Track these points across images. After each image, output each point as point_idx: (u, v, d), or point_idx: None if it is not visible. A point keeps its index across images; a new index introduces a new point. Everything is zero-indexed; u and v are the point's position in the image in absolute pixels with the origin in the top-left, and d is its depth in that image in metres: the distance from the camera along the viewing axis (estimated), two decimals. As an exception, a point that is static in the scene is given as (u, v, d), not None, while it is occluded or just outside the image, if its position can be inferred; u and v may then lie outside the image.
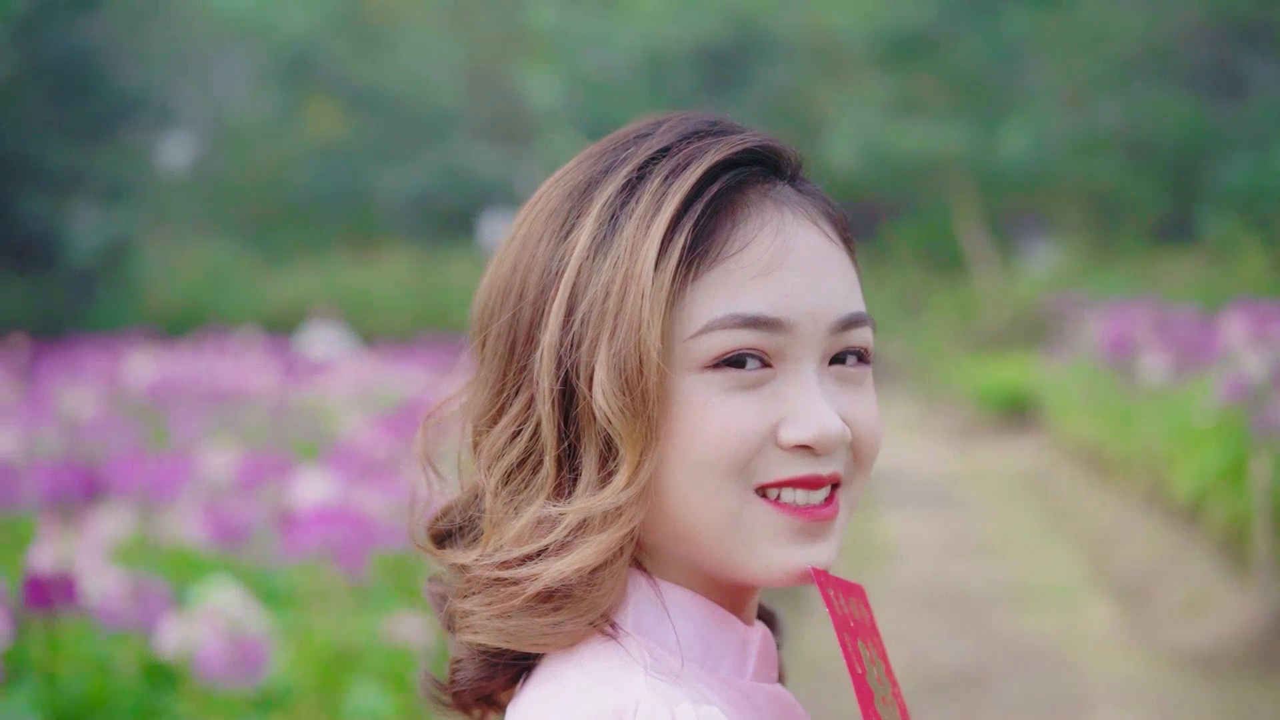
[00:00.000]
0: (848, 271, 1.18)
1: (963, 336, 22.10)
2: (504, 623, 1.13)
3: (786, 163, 1.20)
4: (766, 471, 1.12)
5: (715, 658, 1.16)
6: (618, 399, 1.09)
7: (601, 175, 1.16)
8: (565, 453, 1.14)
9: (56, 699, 3.82)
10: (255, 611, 3.87)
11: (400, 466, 6.50)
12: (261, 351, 15.87)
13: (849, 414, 1.15)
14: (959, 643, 7.54)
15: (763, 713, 1.15)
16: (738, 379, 1.11)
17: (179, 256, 29.96)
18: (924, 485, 13.16)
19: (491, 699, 1.24)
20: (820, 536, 1.13)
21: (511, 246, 1.20)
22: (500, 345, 1.18)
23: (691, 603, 1.16)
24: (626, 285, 1.10)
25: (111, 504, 5.55)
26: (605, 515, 1.10)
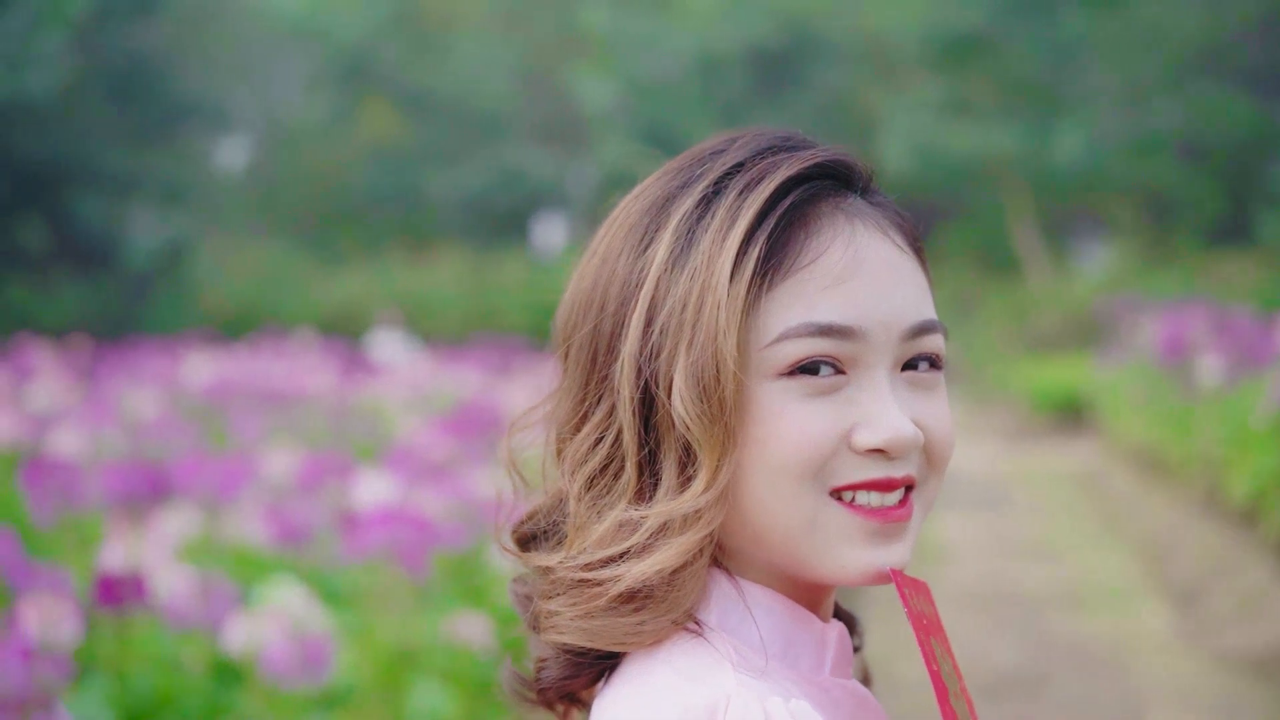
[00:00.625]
0: (918, 280, 1.22)
1: (1016, 338, 22.00)
2: (588, 623, 1.18)
3: (858, 176, 1.24)
4: (841, 475, 1.15)
5: (795, 654, 1.20)
6: (696, 406, 1.13)
7: (678, 191, 1.20)
8: (646, 458, 1.18)
9: (126, 696, 3.89)
10: (318, 611, 3.94)
11: (459, 468, 6.57)
12: (318, 353, 15.99)
13: (921, 418, 1.18)
14: (1014, 644, 7.54)
15: (841, 707, 1.19)
16: (812, 385, 1.15)
17: (234, 259, 30.16)
18: (978, 487, 13.13)
19: (575, 697, 1.29)
20: (895, 537, 1.17)
21: (593, 261, 1.24)
22: (583, 356, 1.22)
23: (772, 601, 1.19)
24: (703, 296, 1.14)
25: (176, 504, 5.63)
26: (685, 518, 1.14)
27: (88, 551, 5.24)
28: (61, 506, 5.65)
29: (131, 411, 9.48)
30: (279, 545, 5.29)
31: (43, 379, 11.09)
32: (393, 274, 27.91)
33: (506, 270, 27.04)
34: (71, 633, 3.59)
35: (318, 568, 5.30)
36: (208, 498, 5.86)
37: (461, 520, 5.48)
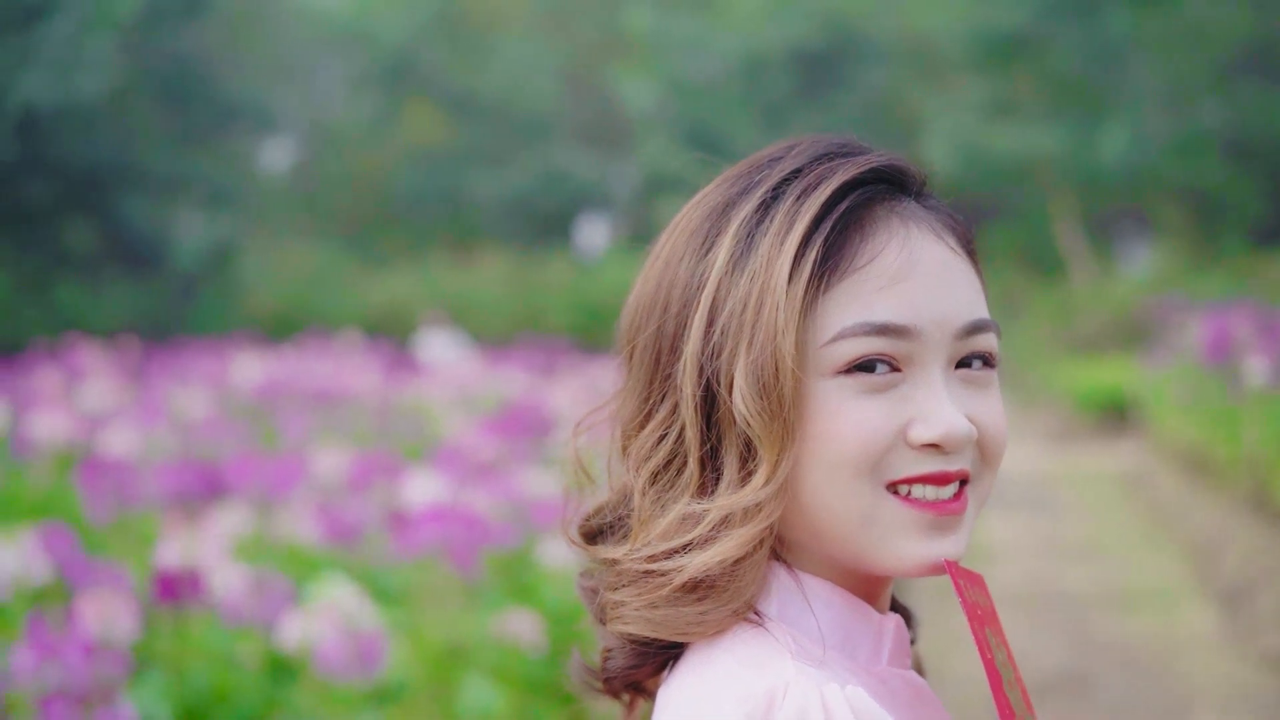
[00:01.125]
0: (971, 280, 1.26)
1: (1061, 339, 21.92)
2: (653, 613, 1.21)
3: (911, 180, 1.27)
4: (897, 469, 1.19)
5: (853, 645, 1.23)
6: (756, 403, 1.17)
7: (738, 196, 1.24)
8: (708, 454, 1.22)
9: (183, 690, 3.95)
10: (369, 608, 3.99)
11: (507, 467, 6.62)
12: (363, 354, 16.09)
13: (975, 414, 1.22)
14: (1059, 645, 7.55)
15: (898, 697, 1.22)
16: (869, 383, 1.18)
17: (279, 260, 30.31)
18: (1023, 487, 13.11)
19: (640, 686, 1.33)
20: (950, 530, 1.20)
21: (655, 265, 1.29)
22: (646, 356, 1.26)
23: (830, 593, 1.23)
24: (763, 298, 1.18)
25: (229, 503, 5.70)
26: (746, 511, 1.18)
27: (143, 549, 5.31)
28: (116, 505, 5.74)
29: (181, 411, 9.58)
30: (330, 543, 5.36)
31: (93, 379, 11.21)
32: (437, 275, 28.00)
33: (550, 271, 27.09)
34: (130, 628, 3.66)
35: (368, 566, 5.36)
36: (259, 497, 5.94)
37: (510, 519, 5.54)
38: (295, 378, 12.39)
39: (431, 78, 34.38)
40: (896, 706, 1.21)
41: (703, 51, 27.63)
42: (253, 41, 33.47)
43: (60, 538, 4.39)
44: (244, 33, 33.08)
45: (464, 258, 29.45)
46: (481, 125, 33.86)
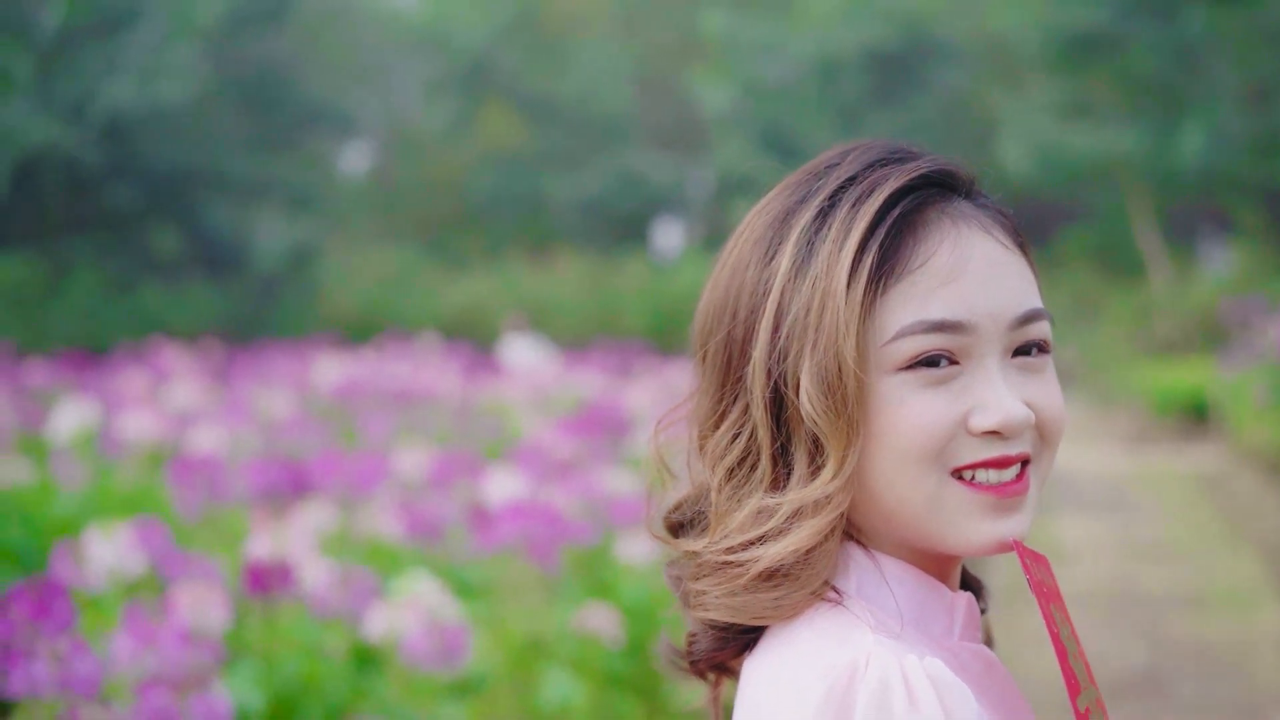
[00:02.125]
0: (1023, 272, 1.32)
1: (1139, 341, 21.75)
2: (732, 600, 1.30)
3: (960, 181, 1.34)
4: (961, 456, 1.26)
5: (927, 621, 1.31)
6: (821, 402, 1.25)
7: (797, 205, 1.32)
8: (779, 451, 1.30)
9: (273, 679, 4.07)
10: (451, 602, 4.09)
11: (585, 466, 6.71)
12: (442, 355, 16.24)
13: (1033, 399, 1.29)
14: (1135, 645, 7.54)
15: (969, 670, 1.29)
16: (929, 377, 1.26)
17: (358, 262, 30.55)
18: (1100, 489, 13.06)
19: (724, 666, 1.41)
20: (1014, 510, 1.28)
21: (723, 271, 1.37)
22: (718, 359, 1.35)
23: (904, 572, 1.31)
24: (824, 302, 1.26)
25: (314, 500, 5.82)
26: (816, 503, 1.26)
27: (232, 545, 5.45)
28: (205, 502, 5.88)
29: (265, 411, 9.74)
30: (412, 540, 5.47)
31: (179, 380, 11.41)
32: (514, 278, 28.13)
33: (626, 273, 27.16)
34: (221, 619, 3.77)
35: (449, 561, 5.47)
36: (343, 494, 6.06)
37: (588, 517, 5.63)
38: (375, 379, 12.54)
39: (508, 81, 34.57)
40: (968, 679, 1.27)
41: (778, 53, 27.61)
42: (332, 46, 33.80)
43: (153, 532, 4.52)
44: (323, 38, 33.41)
45: (541, 260, 29.58)
46: (558, 128, 34.00)
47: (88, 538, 4.35)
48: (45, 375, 13.50)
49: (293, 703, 4.07)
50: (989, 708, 1.28)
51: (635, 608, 5.18)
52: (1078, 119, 23.55)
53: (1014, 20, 23.73)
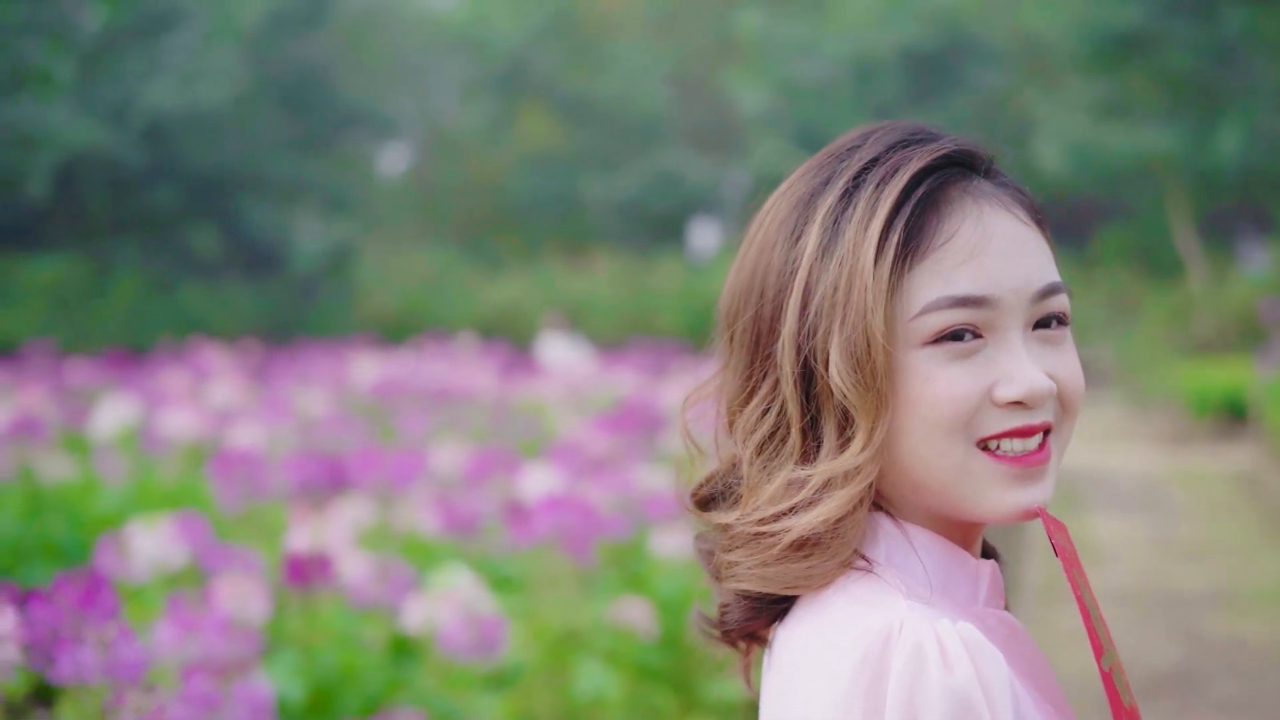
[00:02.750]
0: (1041, 248, 1.36)
1: (1176, 341, 21.66)
2: (764, 570, 1.34)
3: (980, 161, 1.39)
4: (986, 426, 1.31)
5: (953, 587, 1.35)
6: (850, 376, 1.29)
7: (822, 186, 1.36)
8: (808, 424, 1.34)
9: (312, 669, 4.13)
10: (487, 595, 4.15)
11: (620, 462, 6.77)
12: (480, 355, 16.32)
13: (1054, 370, 1.34)
14: (1170, 643, 7.55)
15: (995, 635, 1.33)
16: (955, 350, 1.30)
17: (396, 263, 30.68)
18: (1136, 489, 13.05)
19: (756, 635, 1.45)
20: (1037, 479, 1.32)
21: (749, 253, 1.41)
22: (747, 338, 1.39)
23: (931, 541, 1.35)
24: (851, 280, 1.30)
25: (352, 495, 5.90)
26: (846, 474, 1.30)
27: (271, 539, 5.52)
28: (245, 496, 5.96)
29: (303, 410, 9.83)
30: (449, 534, 5.54)
31: (219, 379, 11.52)
32: (550, 278, 28.21)
33: (662, 273, 27.20)
34: (261, 610, 3.84)
35: (485, 555, 5.54)
36: (381, 489, 6.13)
37: (623, 512, 5.68)
38: (412, 378, 12.63)
39: (545, 82, 34.66)
40: (995, 644, 1.30)
41: (813, 54, 27.61)
42: (370, 48, 33.95)
43: (195, 526, 4.59)
44: (362, 39, 33.57)
45: (577, 261, 29.65)
46: (594, 129, 34.08)
47: (130, 531, 4.43)
48: (87, 374, 13.65)
49: (331, 692, 4.14)
50: (1015, 671, 1.32)
51: (669, 602, 5.23)
52: (1115, 118, 23.47)
53: (1050, 19, 23.66)
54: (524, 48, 34.44)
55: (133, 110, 25.56)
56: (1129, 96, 23.71)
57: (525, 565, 5.19)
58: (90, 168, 25.88)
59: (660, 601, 5.12)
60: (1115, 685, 1.29)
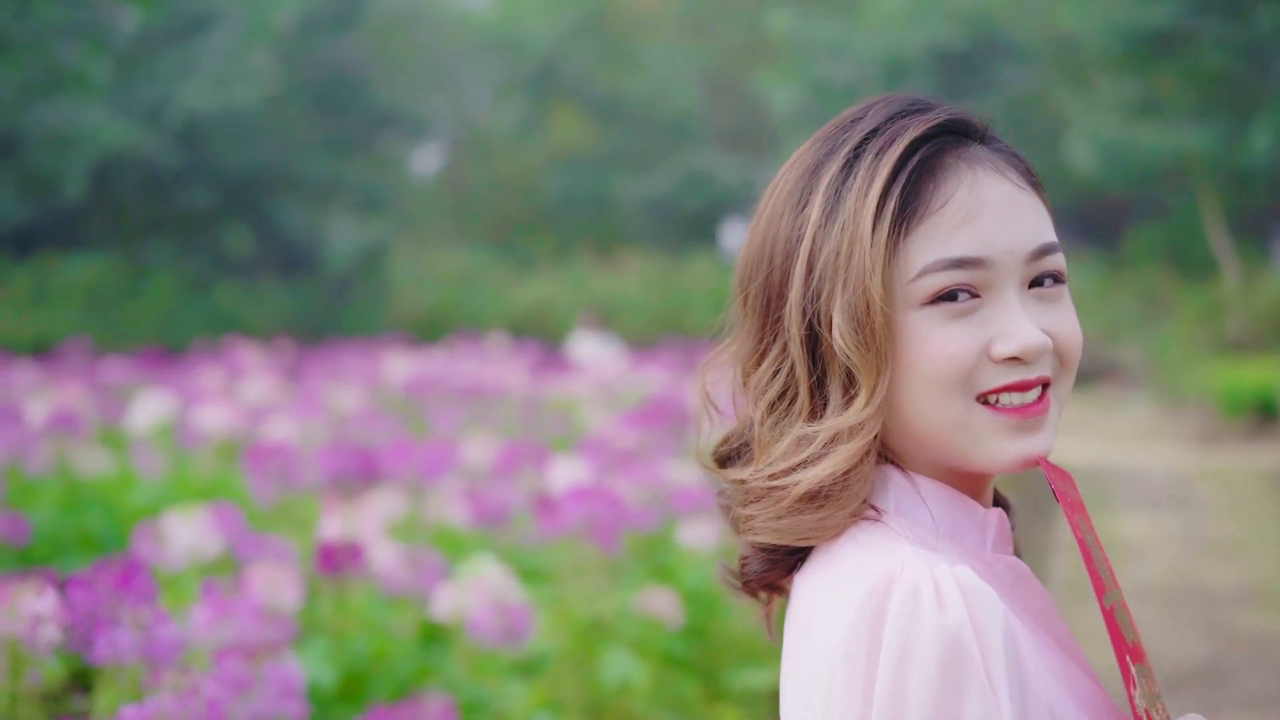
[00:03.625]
0: (1036, 210, 1.43)
1: (1208, 340, 21.60)
2: (778, 523, 1.42)
3: (974, 128, 1.46)
4: (984, 382, 1.37)
5: (961, 534, 1.42)
6: (852, 337, 1.36)
7: (826, 157, 1.44)
8: (815, 384, 1.42)
9: (343, 655, 4.21)
10: (515, 584, 4.22)
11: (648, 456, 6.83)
12: (511, 353, 16.40)
13: (1049, 326, 1.40)
14: (1198, 638, 7.58)
15: (1001, 579, 1.40)
16: (952, 310, 1.37)
17: (428, 263, 30.80)
18: (1166, 487, 13.06)
19: (775, 585, 1.53)
20: (1036, 430, 1.39)
21: (760, 223, 1.49)
22: (758, 303, 1.47)
23: (939, 490, 1.43)
24: (852, 246, 1.37)
25: (383, 487, 5.98)
26: (851, 429, 1.38)
27: (304, 530, 5.61)
28: (279, 489, 6.05)
29: (336, 406, 9.93)
30: (478, 526, 5.62)
31: (253, 377, 11.63)
32: (582, 277, 28.27)
33: (693, 273, 27.22)
34: (294, 598, 3.92)
35: (514, 546, 5.61)
36: (411, 481, 6.21)
37: (651, 504, 5.75)
38: (444, 375, 12.71)
39: (577, 83, 34.76)
40: (1000, 587, 1.38)
41: (844, 53, 27.62)
42: (403, 49, 34.09)
43: (229, 516, 4.68)
44: (394, 41, 33.72)
45: (609, 260, 29.72)
46: (626, 129, 34.16)
47: (166, 520, 4.51)
48: (123, 372, 13.78)
49: (362, 678, 4.22)
50: (1021, 614, 1.39)
51: (695, 593, 5.30)
52: (1146, 118, 23.41)
53: (1082, 18, 23.61)
54: (556, 48, 34.55)
55: (168, 111, 25.75)
56: (1160, 96, 23.64)
57: (553, 556, 5.26)
58: (126, 168, 26.08)
59: (687, 593, 5.19)
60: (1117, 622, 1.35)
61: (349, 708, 4.06)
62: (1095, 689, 1.40)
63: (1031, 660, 1.34)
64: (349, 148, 30.11)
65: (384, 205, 30.56)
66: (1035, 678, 1.33)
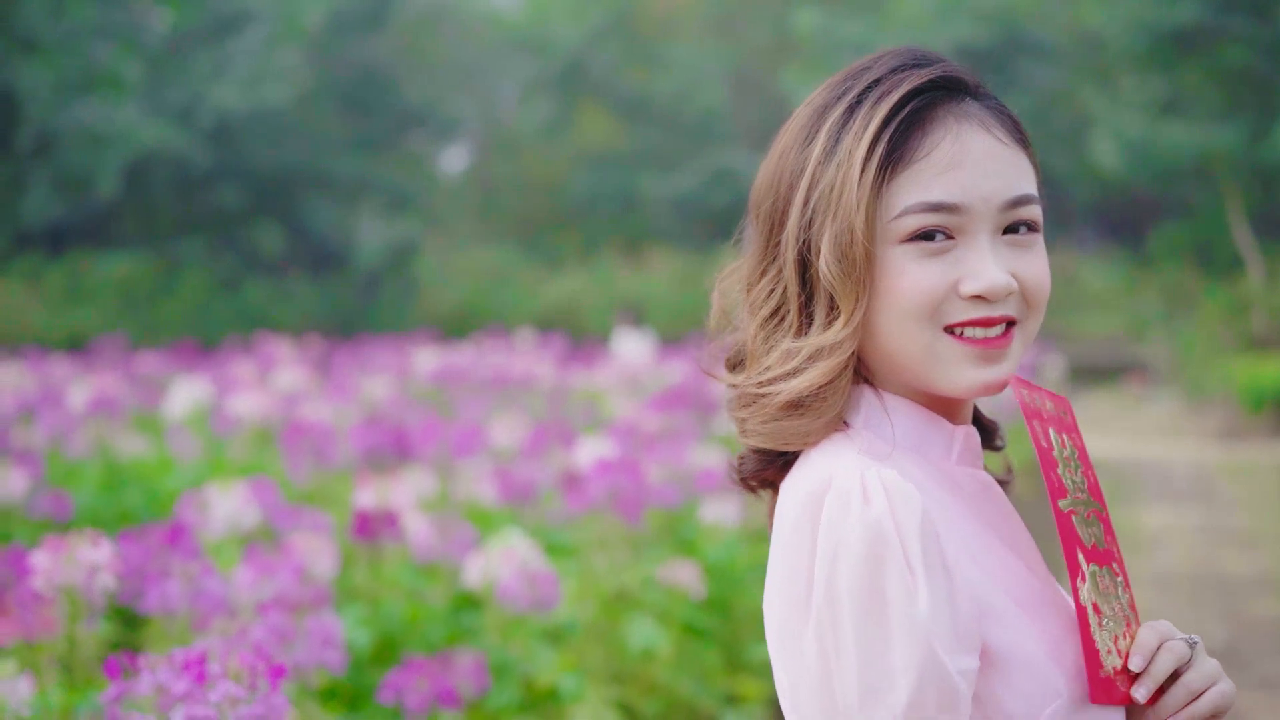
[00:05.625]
0: (1017, 164, 1.57)
1: (1233, 337, 21.63)
2: (764, 427, 1.58)
3: (967, 85, 1.60)
4: (952, 315, 1.52)
5: (926, 446, 1.58)
6: (836, 266, 1.52)
7: (834, 101, 1.59)
8: (803, 304, 1.57)
9: (379, 619, 4.37)
10: (541, 555, 4.37)
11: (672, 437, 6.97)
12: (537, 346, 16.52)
13: (1018, 270, 1.54)
14: (1214, 624, 7.67)
15: (963, 489, 1.56)
16: (927, 249, 1.52)
17: (455, 260, 30.93)
18: (1189, 480, 13.15)
19: (770, 482, 1.68)
20: (997, 360, 1.53)
21: (774, 154, 1.64)
22: (764, 227, 1.63)
23: (908, 407, 1.58)
24: (844, 183, 1.52)
25: (415, 466, 6.13)
26: (830, 347, 1.53)
27: (339, 507, 5.76)
28: (314, 468, 6.21)
29: (367, 395, 10.07)
30: (507, 504, 5.77)
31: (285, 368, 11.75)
32: (609, 275, 28.39)
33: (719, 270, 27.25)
34: (330, 566, 4.08)
35: (542, 524, 5.76)
36: (442, 461, 6.36)
37: (675, 484, 5.88)
38: (472, 367, 12.84)
39: (604, 82, 34.89)
40: (961, 498, 1.55)
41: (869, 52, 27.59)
42: (431, 49, 34.25)
43: (267, 489, 4.85)
44: (423, 41, 33.88)
45: (636, 258, 29.83)
46: (653, 128, 34.28)
47: (208, 492, 4.66)
48: (158, 364, 13.95)
49: (396, 641, 4.37)
50: (978, 524, 1.54)
51: (717, 567, 5.44)
52: (1171, 115, 23.44)
53: (1107, 17, 23.65)
54: (583, 47, 34.68)
55: (199, 111, 25.98)
56: (1185, 94, 23.67)
57: (579, 532, 5.40)
58: (158, 167, 26.32)
59: (709, 566, 5.32)
60: (1073, 525, 1.49)
61: (384, 670, 4.20)
62: (1042, 588, 1.54)
63: (964, 555, 1.48)
64: (378, 147, 30.29)
65: (412, 204, 30.72)
66: (964, 569, 1.47)
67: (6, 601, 3.40)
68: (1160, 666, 1.49)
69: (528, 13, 37.29)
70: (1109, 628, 1.50)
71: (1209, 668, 1.52)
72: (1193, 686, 1.50)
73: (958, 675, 1.41)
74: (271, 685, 2.40)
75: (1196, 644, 1.52)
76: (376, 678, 4.06)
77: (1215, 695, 1.50)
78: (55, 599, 3.09)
